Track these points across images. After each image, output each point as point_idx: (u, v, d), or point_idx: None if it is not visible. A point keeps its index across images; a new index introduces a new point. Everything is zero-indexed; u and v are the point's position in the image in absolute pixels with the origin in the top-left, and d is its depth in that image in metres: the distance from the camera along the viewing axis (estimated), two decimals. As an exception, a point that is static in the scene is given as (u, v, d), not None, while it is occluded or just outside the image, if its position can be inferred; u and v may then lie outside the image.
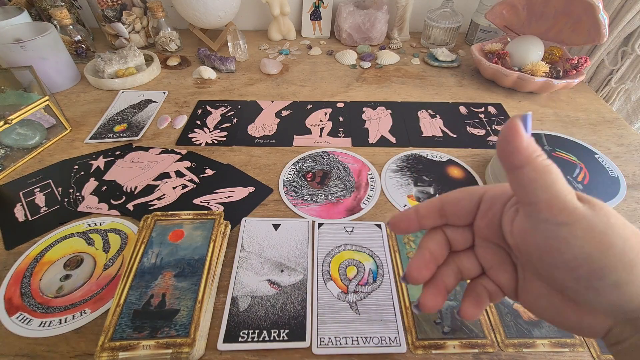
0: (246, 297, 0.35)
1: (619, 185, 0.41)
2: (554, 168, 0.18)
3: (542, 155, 0.18)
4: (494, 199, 0.22)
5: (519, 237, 0.20)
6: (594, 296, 0.18)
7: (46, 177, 0.48)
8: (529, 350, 0.32)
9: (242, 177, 0.49)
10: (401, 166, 0.51)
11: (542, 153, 0.18)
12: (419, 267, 0.23)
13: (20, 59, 0.59)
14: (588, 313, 0.19)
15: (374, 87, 0.69)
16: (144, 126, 0.57)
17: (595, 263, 0.17)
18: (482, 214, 0.23)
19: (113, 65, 0.67)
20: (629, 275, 0.16)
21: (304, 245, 0.40)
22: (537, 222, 0.18)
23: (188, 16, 0.73)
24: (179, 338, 0.29)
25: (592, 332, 0.19)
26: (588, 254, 0.17)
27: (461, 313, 0.23)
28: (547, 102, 0.64)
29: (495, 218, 0.22)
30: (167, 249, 0.36)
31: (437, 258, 0.24)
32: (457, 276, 0.24)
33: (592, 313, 0.19)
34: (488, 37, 0.79)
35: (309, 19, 0.85)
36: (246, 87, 0.68)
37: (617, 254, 0.16)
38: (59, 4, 0.73)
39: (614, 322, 0.18)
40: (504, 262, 0.23)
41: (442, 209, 0.23)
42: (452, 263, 0.24)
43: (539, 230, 0.18)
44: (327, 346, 0.32)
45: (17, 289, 0.35)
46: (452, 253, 0.25)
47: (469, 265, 0.24)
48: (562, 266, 0.18)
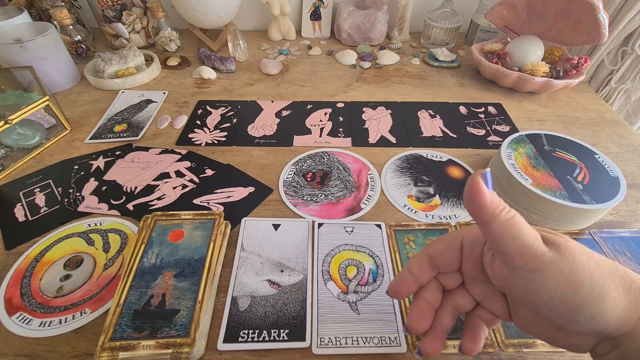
0: (246, 297, 0.35)
1: (619, 185, 0.41)
2: (518, 219, 0.19)
3: (505, 208, 0.19)
4: (472, 243, 0.24)
5: (501, 281, 0.22)
6: (577, 326, 0.20)
7: (46, 177, 0.48)
8: (529, 350, 0.32)
9: (242, 177, 0.49)
10: (401, 166, 0.51)
11: (505, 206, 0.19)
12: (419, 318, 0.25)
13: (20, 59, 0.59)
14: (574, 336, 0.21)
15: (374, 87, 0.69)
16: (144, 126, 0.57)
17: (570, 301, 0.19)
18: (466, 259, 0.25)
19: (113, 65, 0.67)
20: (601, 306, 0.18)
21: (304, 245, 0.40)
22: (514, 269, 0.20)
23: (188, 16, 0.73)
24: (179, 338, 0.29)
25: (581, 349, 0.22)
26: (562, 295, 0.19)
27: (462, 349, 0.25)
28: (547, 101, 0.65)
29: (477, 261, 0.24)
30: (167, 249, 0.36)
31: (433, 305, 0.26)
32: (454, 314, 0.26)
33: (577, 336, 0.21)
34: (488, 37, 0.79)
35: (309, 19, 0.85)
36: (246, 87, 0.68)
37: (586, 291, 0.18)
38: (59, 4, 0.73)
39: (598, 340, 0.21)
40: (494, 293, 0.25)
41: (432, 262, 0.26)
42: (447, 303, 0.26)
43: (516, 276, 0.20)
44: (327, 346, 0.32)
45: (17, 289, 0.35)
46: (446, 292, 0.27)
47: (463, 301, 0.26)
48: (543, 305, 0.20)
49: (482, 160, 0.52)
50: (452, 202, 0.46)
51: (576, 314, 0.19)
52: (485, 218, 0.19)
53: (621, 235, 0.41)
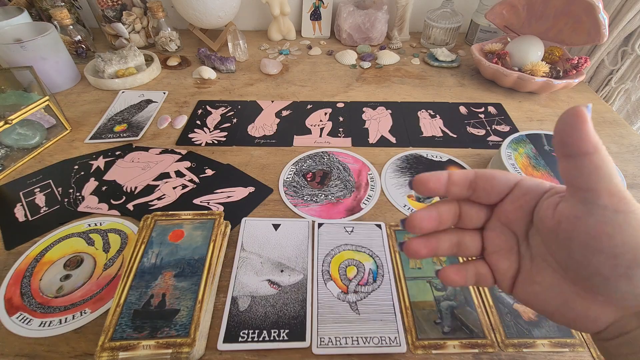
0: (246, 297, 0.35)
1: (619, 185, 0.41)
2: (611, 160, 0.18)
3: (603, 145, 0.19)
4: (529, 188, 0.22)
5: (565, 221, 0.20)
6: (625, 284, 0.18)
7: (46, 177, 0.48)
8: (529, 350, 0.32)
9: (242, 177, 0.49)
10: (401, 166, 0.51)
11: None
12: (423, 218, 0.24)
13: (20, 59, 0.59)
14: (599, 304, 0.20)
15: (374, 87, 0.69)
16: (144, 126, 0.57)
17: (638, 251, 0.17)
18: (513, 198, 0.23)
19: (113, 66, 0.67)
20: None
21: (304, 245, 0.40)
22: (594, 207, 0.18)
23: (188, 16, 0.73)
24: (179, 338, 0.29)
25: (594, 324, 0.20)
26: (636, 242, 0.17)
27: (440, 272, 0.24)
28: (547, 101, 0.65)
29: (527, 205, 0.22)
30: (167, 249, 0.36)
31: (443, 221, 0.24)
32: (453, 248, 0.25)
33: (603, 304, 0.20)
34: (488, 37, 0.79)
35: (309, 19, 0.85)
36: (246, 87, 0.68)
37: None
38: (59, 4, 0.73)
39: (621, 315, 0.19)
40: (510, 249, 0.23)
41: (474, 182, 0.23)
42: (453, 234, 0.25)
43: (594, 215, 0.18)
44: (327, 346, 0.32)
45: (17, 289, 0.35)
46: (457, 228, 0.25)
47: (470, 243, 0.24)
48: (607, 252, 0.18)
49: (482, 160, 0.52)
50: (452, 202, 0.45)
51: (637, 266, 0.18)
52: (587, 149, 0.18)
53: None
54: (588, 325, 0.21)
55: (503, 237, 0.24)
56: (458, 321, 0.33)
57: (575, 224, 0.19)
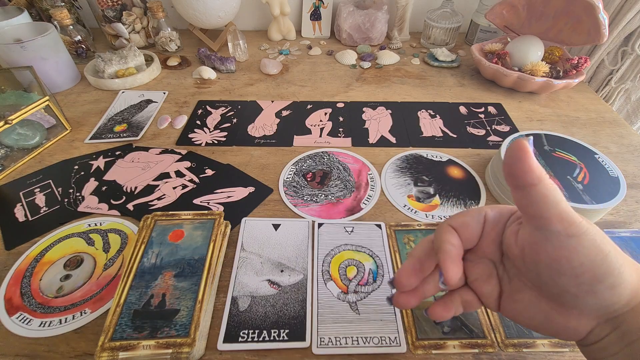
0: (246, 297, 0.35)
1: (619, 185, 0.41)
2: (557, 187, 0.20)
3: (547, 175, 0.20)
4: (494, 220, 0.25)
5: (527, 248, 0.21)
6: (592, 299, 0.20)
7: (46, 177, 0.48)
8: (529, 350, 0.32)
9: (242, 177, 0.49)
10: (401, 166, 0.51)
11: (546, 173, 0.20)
12: (409, 275, 0.25)
13: (20, 59, 0.59)
14: (575, 316, 0.21)
15: (374, 87, 0.69)
16: (144, 126, 0.57)
17: (598, 269, 0.19)
18: (484, 234, 0.25)
19: (113, 66, 0.67)
20: (622, 277, 0.19)
21: (304, 245, 0.40)
22: (548, 233, 0.20)
23: (188, 16, 0.73)
24: (179, 338, 0.29)
25: (576, 334, 0.22)
26: (592, 261, 0.19)
27: (429, 311, 0.26)
28: (547, 101, 0.65)
29: (497, 236, 0.24)
30: (167, 249, 0.36)
31: (426, 270, 0.26)
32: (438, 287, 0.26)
33: (578, 316, 0.21)
34: (488, 37, 0.79)
35: (309, 19, 0.85)
36: (246, 87, 0.68)
37: (612, 260, 0.19)
38: (59, 4, 0.73)
39: (597, 323, 0.21)
40: (490, 275, 0.25)
41: None
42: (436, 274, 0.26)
43: (549, 240, 0.20)
44: (327, 346, 0.32)
45: (17, 289, 0.35)
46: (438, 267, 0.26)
47: None
48: (569, 272, 0.20)
49: (482, 160, 0.52)
50: (452, 202, 0.46)
51: (598, 282, 0.19)
52: (532, 180, 0.20)
53: (621, 235, 0.41)
54: (570, 335, 0.22)
55: (481, 266, 0.25)
56: (458, 321, 0.33)
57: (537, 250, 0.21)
